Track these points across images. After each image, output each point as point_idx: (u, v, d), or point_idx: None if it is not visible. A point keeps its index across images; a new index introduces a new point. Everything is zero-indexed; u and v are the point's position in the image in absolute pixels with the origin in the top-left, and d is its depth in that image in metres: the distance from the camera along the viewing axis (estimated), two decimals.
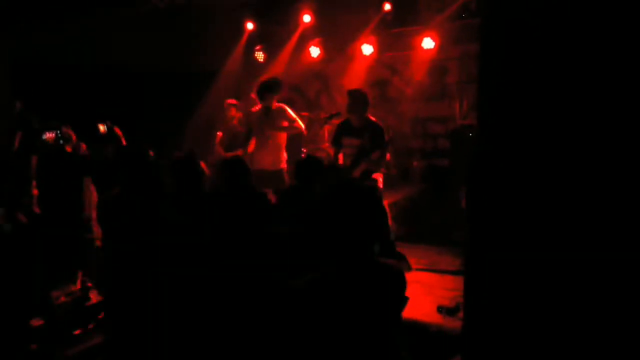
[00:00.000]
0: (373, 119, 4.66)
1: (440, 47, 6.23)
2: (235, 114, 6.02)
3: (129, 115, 6.77)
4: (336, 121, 5.79)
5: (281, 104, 5.17)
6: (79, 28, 6.25)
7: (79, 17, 6.08)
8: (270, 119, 5.10)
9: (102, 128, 4.03)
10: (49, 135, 3.68)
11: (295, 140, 5.79)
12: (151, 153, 2.72)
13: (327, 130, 6.40)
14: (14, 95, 6.21)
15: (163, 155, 5.85)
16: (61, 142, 3.74)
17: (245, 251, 2.50)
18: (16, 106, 3.30)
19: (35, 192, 4.01)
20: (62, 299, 3.53)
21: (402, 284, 2.18)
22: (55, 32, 6.20)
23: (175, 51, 6.91)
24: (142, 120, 6.68)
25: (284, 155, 5.23)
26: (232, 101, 6.14)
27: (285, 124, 5.10)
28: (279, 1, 6.79)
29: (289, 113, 5.11)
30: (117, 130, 4.17)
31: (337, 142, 4.82)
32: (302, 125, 5.20)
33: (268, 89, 5.05)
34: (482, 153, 2.39)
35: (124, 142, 4.04)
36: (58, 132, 3.74)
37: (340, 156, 4.80)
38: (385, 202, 4.85)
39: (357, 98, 4.61)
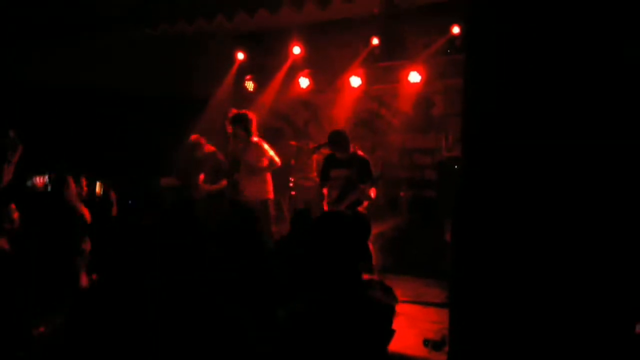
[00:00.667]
0: (360, 152, 4.79)
1: (426, 81, 6.39)
2: (204, 149, 5.79)
3: (118, 139, 6.80)
4: (325, 151, 5.86)
5: (258, 139, 5.25)
6: (72, 52, 6.30)
7: (73, 42, 6.14)
8: (249, 152, 5.19)
9: (98, 189, 3.95)
10: (38, 180, 3.37)
11: (284, 169, 5.82)
12: None
13: (315, 160, 6.45)
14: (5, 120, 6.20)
15: (153, 176, 5.85)
16: (49, 188, 3.32)
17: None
18: (9, 134, 3.08)
19: (16, 215, 3.86)
20: (41, 329, 3.42)
21: (389, 318, 2.19)
22: (49, 56, 6.24)
23: (166, 78, 6.97)
24: (131, 145, 6.69)
25: (269, 186, 5.27)
26: (198, 139, 5.81)
27: (265, 161, 5.16)
28: (269, 32, 6.93)
29: (265, 149, 5.20)
30: (113, 195, 4.03)
31: (324, 175, 4.90)
32: (278, 161, 5.25)
33: (238, 122, 5.16)
34: (467, 186, 2.44)
35: (115, 211, 3.84)
36: (49, 176, 3.38)
37: (325, 190, 4.86)
38: (372, 232, 4.89)
39: (336, 140, 4.74)
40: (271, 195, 5.26)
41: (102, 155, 6.29)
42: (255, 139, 5.26)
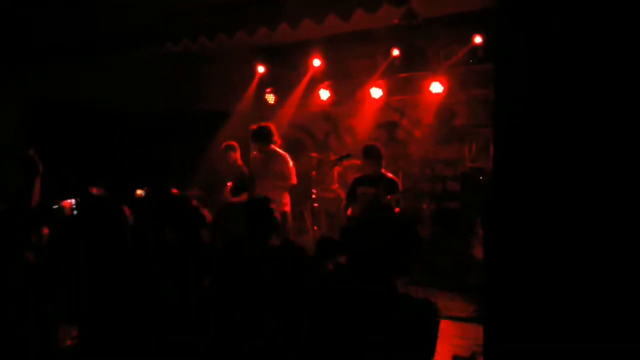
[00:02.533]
0: (389, 174, 4.86)
1: (448, 91, 6.33)
2: (234, 156, 5.90)
3: (143, 154, 6.89)
4: (346, 163, 5.84)
5: (282, 153, 5.26)
6: (94, 69, 6.43)
7: (95, 59, 6.25)
8: (268, 165, 5.20)
9: (139, 192, 4.00)
10: (65, 203, 3.30)
11: (305, 181, 5.82)
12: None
13: (336, 172, 6.43)
14: (29, 135, 6.34)
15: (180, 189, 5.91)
16: (75, 212, 3.20)
17: None
18: (29, 152, 3.04)
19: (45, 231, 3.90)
20: (69, 342, 3.43)
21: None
22: (71, 73, 6.37)
23: (187, 94, 7.08)
24: (155, 159, 6.78)
25: (286, 198, 5.27)
26: (231, 142, 5.98)
27: (283, 173, 5.17)
28: (289, 45, 6.96)
29: (286, 162, 5.21)
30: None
31: (351, 194, 4.95)
32: (294, 180, 5.25)
33: (258, 137, 5.18)
34: (499, 198, 2.38)
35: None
36: (75, 200, 3.30)
37: (349, 211, 4.89)
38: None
39: (371, 153, 4.84)
40: (288, 208, 5.27)
41: (125, 172, 6.37)
42: (275, 150, 5.27)
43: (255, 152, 5.38)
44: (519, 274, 2.27)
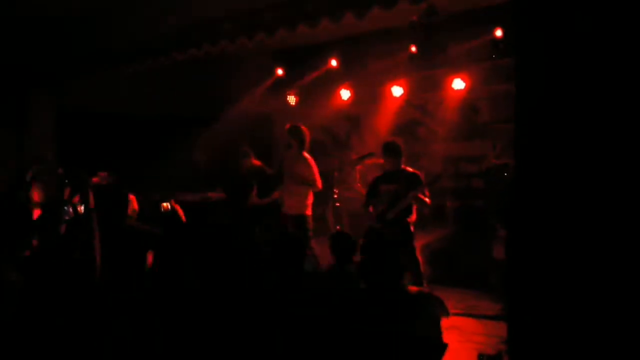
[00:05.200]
0: (409, 169, 4.78)
1: (470, 87, 6.25)
2: (248, 162, 6.05)
3: (162, 159, 7.03)
4: (368, 162, 5.80)
5: (308, 158, 5.31)
6: (120, 77, 6.59)
7: (122, 67, 6.40)
8: (297, 165, 5.24)
9: (165, 206, 4.10)
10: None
11: (327, 181, 5.83)
12: None
13: (358, 171, 6.41)
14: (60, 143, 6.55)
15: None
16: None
17: None
18: (58, 171, 3.32)
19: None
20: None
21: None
22: (100, 82, 6.55)
23: (207, 98, 7.18)
24: (175, 163, 6.91)
25: (309, 201, 5.28)
26: (244, 148, 6.13)
27: (309, 177, 5.21)
28: (308, 46, 6.98)
29: (312, 167, 5.25)
30: (178, 208, 4.18)
31: (372, 192, 4.88)
32: (320, 185, 5.27)
33: (294, 135, 5.26)
34: (521, 196, 2.34)
35: (184, 219, 3.93)
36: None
37: (371, 208, 4.84)
38: (418, 244, 4.81)
39: (391, 149, 4.78)
40: (309, 212, 5.28)
41: (150, 175, 6.51)
42: (305, 154, 5.31)
43: (286, 151, 5.44)
44: (541, 271, 2.23)
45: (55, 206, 3.56)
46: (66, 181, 3.39)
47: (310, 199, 5.29)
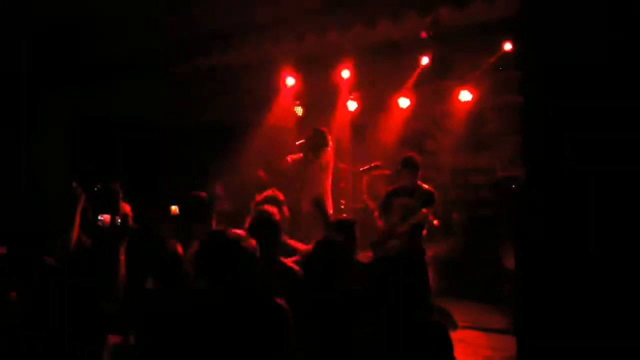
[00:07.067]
0: (425, 185, 4.69)
1: (478, 99, 6.26)
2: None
3: (172, 168, 7.06)
4: (375, 173, 5.79)
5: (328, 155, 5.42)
6: (129, 86, 6.64)
7: (129, 76, 6.46)
8: (315, 167, 5.32)
9: (173, 209, 4.07)
10: (104, 217, 3.38)
11: (334, 192, 5.82)
12: None
13: (365, 182, 6.40)
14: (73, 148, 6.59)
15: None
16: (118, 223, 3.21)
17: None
18: (73, 185, 3.23)
19: None
20: None
21: (447, 341, 2.13)
22: (113, 89, 6.60)
23: (218, 107, 7.21)
24: (186, 173, 6.93)
25: (328, 202, 5.29)
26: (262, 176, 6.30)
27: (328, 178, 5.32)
28: (317, 57, 7.02)
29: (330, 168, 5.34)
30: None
31: (385, 206, 4.76)
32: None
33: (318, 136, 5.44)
34: (529, 209, 2.33)
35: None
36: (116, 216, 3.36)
37: (380, 222, 4.75)
38: (427, 256, 4.76)
39: (409, 163, 4.69)
40: (330, 212, 5.31)
41: (160, 184, 6.53)
42: (325, 158, 5.42)
43: (306, 153, 5.48)
44: (551, 284, 2.21)
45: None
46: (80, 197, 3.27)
47: (330, 199, 5.39)
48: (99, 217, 3.25)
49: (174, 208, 4.16)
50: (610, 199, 2.06)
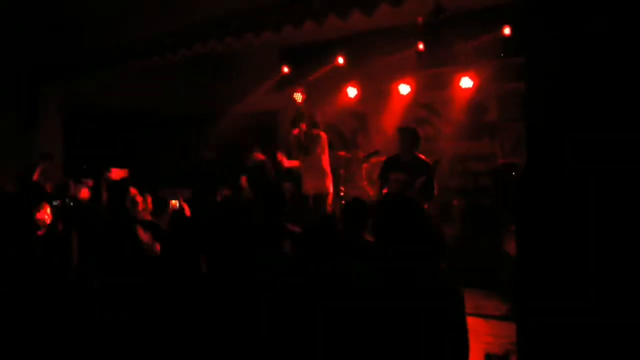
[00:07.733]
0: (421, 156, 4.67)
1: (478, 86, 6.21)
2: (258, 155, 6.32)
3: (168, 155, 7.05)
4: (374, 160, 5.77)
5: (320, 132, 5.54)
6: (128, 75, 6.61)
7: (128, 64, 6.41)
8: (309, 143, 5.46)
9: (174, 203, 4.17)
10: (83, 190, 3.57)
11: (333, 179, 5.81)
12: None
13: (364, 169, 6.39)
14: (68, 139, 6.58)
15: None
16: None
17: None
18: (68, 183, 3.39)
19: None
20: None
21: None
22: (107, 79, 6.57)
23: (214, 95, 7.18)
24: (181, 159, 6.93)
25: (328, 181, 5.48)
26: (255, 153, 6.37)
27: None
28: (315, 44, 6.96)
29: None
30: (185, 207, 4.21)
31: (383, 177, 4.84)
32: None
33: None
34: (532, 193, 2.32)
35: (188, 214, 4.01)
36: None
37: (385, 191, 4.80)
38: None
39: (406, 135, 4.66)
40: (330, 191, 5.47)
41: (156, 171, 6.52)
42: (321, 133, 5.54)
43: (299, 134, 5.62)
44: (552, 271, 2.21)
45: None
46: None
47: (330, 179, 5.52)
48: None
49: (174, 202, 4.24)
50: (615, 186, 2.04)
